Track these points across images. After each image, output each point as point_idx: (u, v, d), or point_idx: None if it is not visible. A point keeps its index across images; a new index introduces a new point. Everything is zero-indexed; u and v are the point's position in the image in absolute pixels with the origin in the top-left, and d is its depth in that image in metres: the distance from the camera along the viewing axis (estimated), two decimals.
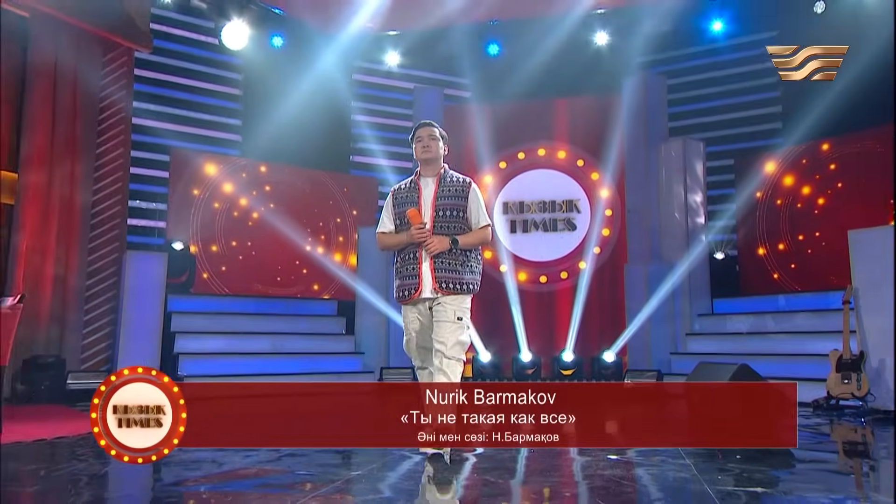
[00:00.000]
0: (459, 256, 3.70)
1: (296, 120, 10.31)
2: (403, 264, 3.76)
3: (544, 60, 10.70)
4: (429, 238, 3.63)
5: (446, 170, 3.85)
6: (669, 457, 4.20)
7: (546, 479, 3.91)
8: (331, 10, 10.35)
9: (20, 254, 7.95)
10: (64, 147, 8.45)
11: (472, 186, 3.81)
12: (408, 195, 3.80)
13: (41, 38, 8.24)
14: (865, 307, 7.12)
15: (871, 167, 9.09)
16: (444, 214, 3.72)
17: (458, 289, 3.65)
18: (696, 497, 3.31)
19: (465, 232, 3.73)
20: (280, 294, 10.27)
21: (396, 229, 3.81)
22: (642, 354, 9.62)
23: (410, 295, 3.69)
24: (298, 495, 3.24)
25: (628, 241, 10.24)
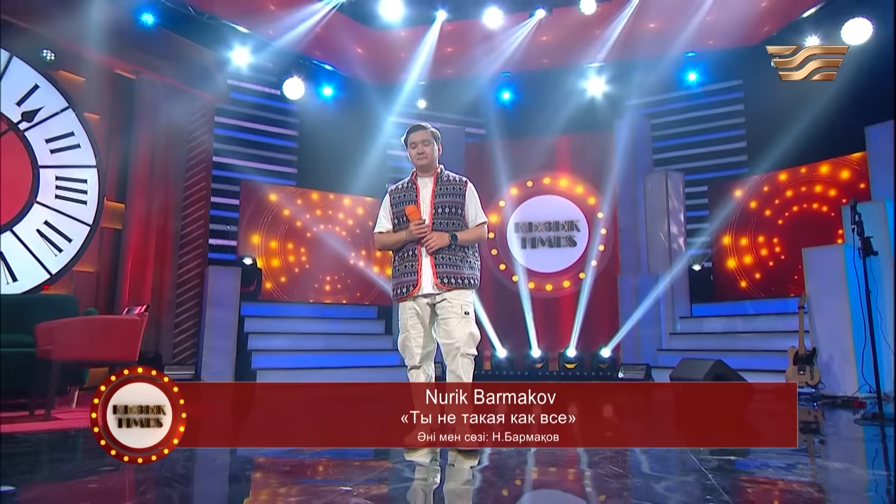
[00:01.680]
0: (458, 252, 3.34)
1: (341, 155, 10.46)
2: (402, 262, 3.37)
3: (549, 104, 10.88)
4: (428, 233, 3.27)
5: (442, 170, 3.49)
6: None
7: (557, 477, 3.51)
8: (371, 66, 10.53)
9: (126, 269, 8.15)
10: (160, 182, 8.67)
11: (469, 185, 3.49)
12: (405, 194, 3.42)
13: (144, 94, 8.48)
14: (816, 311, 7.22)
15: (820, 194, 9.08)
16: (443, 212, 3.36)
17: (459, 283, 3.28)
18: (682, 463, 3.42)
19: (463, 229, 3.38)
20: (330, 300, 10.25)
21: (394, 228, 3.44)
22: (633, 351, 9.60)
23: (409, 291, 3.29)
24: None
25: (620, 255, 10.26)
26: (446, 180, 3.41)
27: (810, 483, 3.06)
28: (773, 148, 9.32)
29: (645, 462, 3.47)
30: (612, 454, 3.65)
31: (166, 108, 8.59)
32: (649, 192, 10.00)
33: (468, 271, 3.31)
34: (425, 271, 3.25)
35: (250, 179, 9.87)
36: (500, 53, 10.36)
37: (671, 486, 2.92)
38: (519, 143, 10.73)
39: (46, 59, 7.35)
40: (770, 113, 9.57)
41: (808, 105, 8.68)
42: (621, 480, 3.07)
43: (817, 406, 6.22)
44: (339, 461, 3.52)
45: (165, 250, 8.67)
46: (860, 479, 3.26)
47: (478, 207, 3.43)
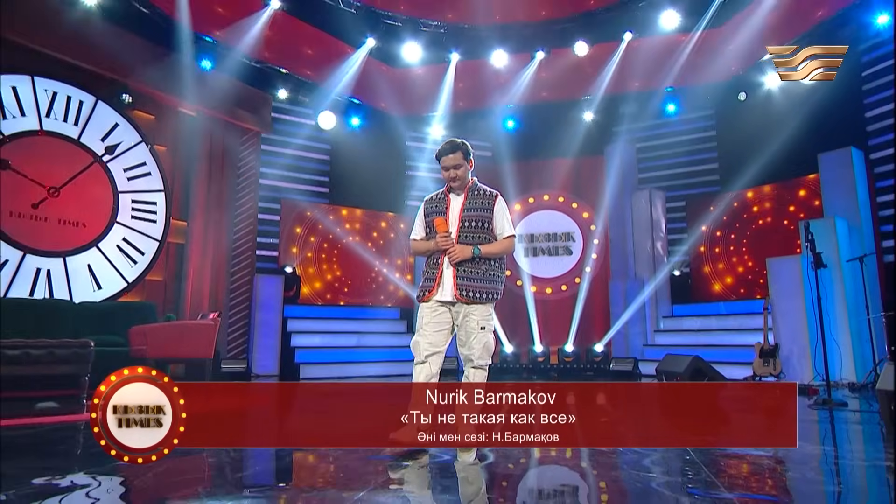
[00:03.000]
0: (481, 265, 3.07)
1: (367, 176, 10.45)
2: (428, 268, 3.19)
3: (548, 132, 10.97)
4: (452, 246, 3.05)
5: (475, 183, 3.22)
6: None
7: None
8: (394, 99, 10.59)
9: (189, 277, 8.33)
10: (215, 202, 8.76)
11: (499, 199, 3.19)
12: (437, 205, 3.21)
13: (202, 127, 8.63)
14: (778, 312, 7.35)
15: (780, 210, 9.08)
16: (470, 225, 3.11)
17: (478, 298, 3.03)
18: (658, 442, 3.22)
19: (490, 242, 3.11)
20: (358, 303, 10.24)
21: (427, 236, 3.22)
22: (623, 346, 9.64)
23: (426, 294, 3.11)
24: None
25: (611, 263, 10.26)
26: (477, 194, 3.15)
27: (771, 457, 3.12)
28: (742, 169, 9.30)
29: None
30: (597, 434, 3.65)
31: (221, 139, 8.83)
32: (635, 208, 10.05)
33: (489, 285, 3.06)
34: (446, 280, 3.06)
35: (289, 198, 9.96)
36: (505, 88, 10.53)
37: (656, 459, 2.94)
38: (522, 165, 10.76)
39: (125, 101, 7.65)
40: (738, 139, 9.64)
41: (771, 132, 8.79)
42: (614, 456, 3.12)
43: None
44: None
45: (220, 261, 8.80)
46: (812, 453, 3.31)
47: (506, 221, 3.16)
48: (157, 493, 2.46)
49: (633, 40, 9.30)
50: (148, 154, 7.99)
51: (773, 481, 2.66)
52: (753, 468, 2.89)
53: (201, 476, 2.70)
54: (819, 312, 5.40)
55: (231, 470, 2.86)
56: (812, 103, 8.34)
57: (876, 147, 7.91)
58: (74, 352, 4.47)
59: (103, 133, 7.52)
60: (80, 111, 7.32)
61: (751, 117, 9.46)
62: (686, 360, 5.18)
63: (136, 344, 5.34)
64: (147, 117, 8.10)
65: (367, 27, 9.40)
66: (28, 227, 6.73)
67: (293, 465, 2.84)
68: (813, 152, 8.14)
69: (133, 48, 7.60)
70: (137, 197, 7.85)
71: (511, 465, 2.87)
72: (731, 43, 8.93)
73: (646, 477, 2.62)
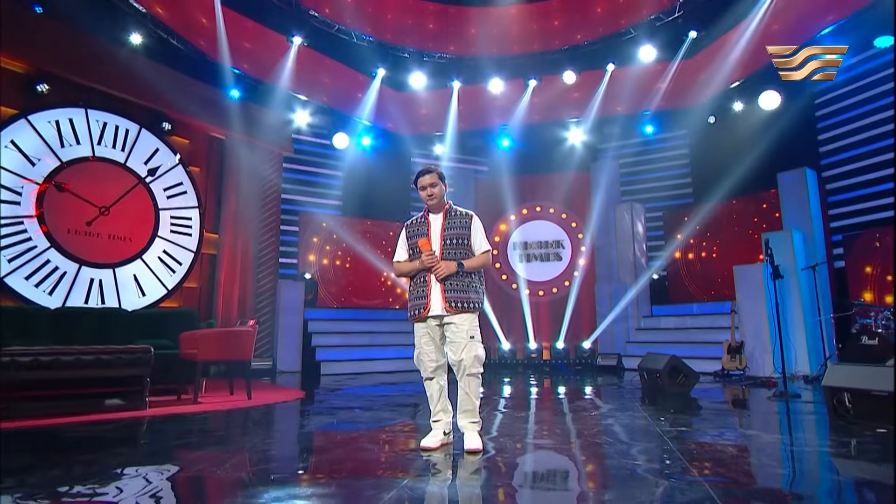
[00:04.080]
0: (465, 279, 3.03)
1: (376, 189, 10.66)
2: (415, 287, 3.11)
3: (539, 150, 11.21)
4: (437, 263, 3.01)
5: (451, 205, 3.20)
6: (632, 410, 4.53)
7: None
8: (400, 121, 10.86)
9: (220, 284, 8.58)
10: (243, 216, 8.98)
11: (474, 218, 3.17)
12: (419, 228, 3.16)
13: (231, 150, 8.89)
14: (743, 313, 7.55)
15: (746, 221, 9.25)
16: (451, 243, 3.08)
17: (465, 307, 2.98)
18: (649, 434, 3.48)
19: (470, 257, 3.08)
20: (369, 305, 10.36)
21: (410, 258, 3.18)
22: (608, 343, 9.75)
23: (420, 313, 3.04)
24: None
25: (597, 268, 10.38)
26: (454, 215, 3.15)
27: (733, 444, 3.22)
28: (712, 184, 9.56)
29: (621, 432, 3.61)
30: (595, 423, 3.82)
31: (247, 160, 9.04)
32: (618, 219, 10.25)
33: (473, 295, 3.04)
34: (435, 296, 3.01)
35: (307, 210, 10.16)
36: (501, 111, 10.79)
37: (640, 449, 3.08)
38: (516, 180, 10.95)
39: (164, 129, 7.88)
40: (709, 157, 9.94)
41: (737, 152, 9.09)
42: (602, 443, 3.22)
43: (744, 385, 6.40)
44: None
45: (247, 269, 9.00)
46: (770, 441, 3.38)
47: (482, 237, 3.14)
48: (227, 481, 2.55)
49: (616, 70, 9.61)
50: (184, 175, 8.21)
51: (736, 466, 2.76)
52: (720, 455, 2.96)
53: (265, 467, 2.87)
54: (777, 315, 5.68)
55: (288, 460, 3.07)
56: (772, 127, 8.68)
57: (827, 167, 8.27)
58: (138, 356, 4.74)
59: (146, 157, 7.75)
60: (127, 138, 7.56)
61: (719, 138, 9.78)
62: (664, 358, 5.41)
63: (186, 348, 5.43)
64: (183, 141, 8.33)
65: (378, 58, 9.69)
66: (83, 242, 6.99)
67: (351, 458, 2.97)
68: (773, 171, 8.44)
69: (171, 81, 7.85)
70: (175, 213, 8.07)
71: (508, 455, 2.95)
72: (702, 73, 9.30)
73: (633, 465, 2.71)
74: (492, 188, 11.16)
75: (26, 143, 6.61)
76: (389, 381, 7.59)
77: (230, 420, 4.47)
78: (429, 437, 2.99)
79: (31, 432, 3.73)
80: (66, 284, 6.79)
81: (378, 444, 3.26)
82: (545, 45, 9.86)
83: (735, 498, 2.17)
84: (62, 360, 4.42)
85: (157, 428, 3.97)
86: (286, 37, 8.77)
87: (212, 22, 8.17)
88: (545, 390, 6.59)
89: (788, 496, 2.31)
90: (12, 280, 6.37)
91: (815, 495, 2.35)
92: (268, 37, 8.80)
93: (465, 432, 2.97)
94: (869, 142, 7.76)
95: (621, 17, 9.20)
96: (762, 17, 7.88)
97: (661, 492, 2.22)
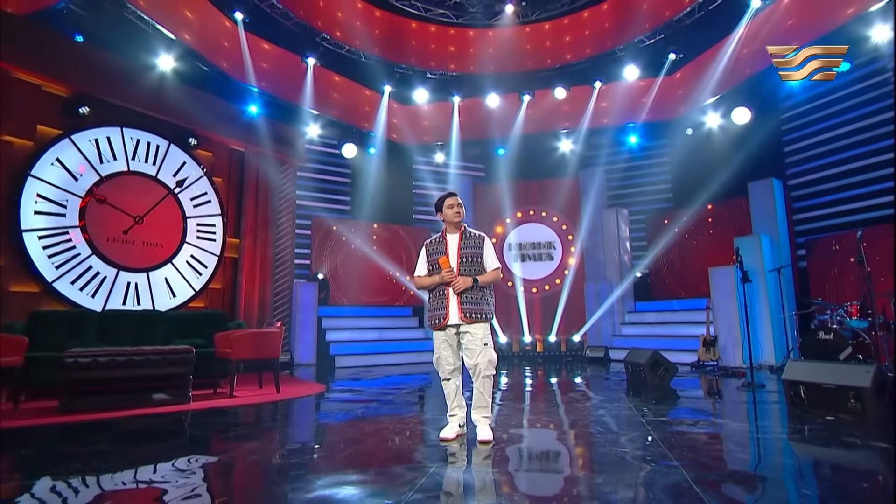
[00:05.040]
0: (478, 292, 3.18)
1: (381, 194, 10.80)
2: (435, 299, 3.26)
3: (533, 158, 11.46)
4: (456, 278, 3.17)
5: (466, 227, 3.36)
6: (619, 402, 4.74)
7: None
8: (403, 131, 11.11)
9: (241, 285, 8.72)
10: (262, 222, 9.11)
11: (486, 239, 3.34)
12: (438, 247, 3.31)
13: (250, 162, 9.02)
14: (717, 310, 7.78)
15: (720, 225, 9.45)
16: (467, 260, 3.23)
17: (479, 317, 3.15)
18: (634, 424, 3.61)
19: (482, 273, 3.23)
20: (376, 303, 10.52)
21: (429, 273, 3.32)
22: (596, 336, 9.96)
23: (440, 322, 3.19)
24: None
25: (585, 268, 10.59)
26: (469, 236, 3.30)
27: (705, 433, 3.36)
28: (690, 191, 9.81)
29: (610, 422, 3.77)
30: (587, 414, 4.00)
31: (265, 171, 9.20)
32: (605, 222, 10.46)
33: (486, 307, 3.19)
34: (452, 307, 3.16)
35: (319, 215, 10.31)
36: (497, 122, 11.06)
37: (627, 438, 3.26)
38: (512, 185, 11.16)
39: (191, 144, 8.05)
40: (687, 166, 10.18)
41: (713, 162, 9.35)
42: (593, 432, 3.38)
43: (717, 376, 6.63)
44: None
45: (266, 271, 9.14)
46: (736, 428, 3.55)
47: (493, 256, 3.29)
48: (281, 468, 2.69)
49: (603, 86, 9.90)
50: (208, 185, 8.37)
51: (707, 452, 2.93)
52: (694, 442, 3.10)
53: (310, 456, 3.09)
54: (745, 313, 6.01)
55: (329, 449, 3.27)
56: (743, 140, 8.94)
57: (792, 176, 8.57)
58: (181, 356, 5.01)
59: (174, 170, 7.92)
60: (157, 153, 7.73)
61: (696, 149, 10.00)
62: (647, 353, 5.66)
63: (221, 347, 5.68)
64: (207, 154, 8.49)
65: (384, 76, 9.95)
66: (120, 249, 7.20)
67: (383, 448, 3.14)
68: (744, 180, 8.70)
69: (197, 100, 8.03)
70: (201, 221, 8.24)
71: (514, 444, 3.14)
72: (681, 90, 9.65)
73: (621, 452, 2.92)
74: (489, 193, 11.38)
75: (70, 160, 6.82)
76: (398, 373, 7.81)
77: (267, 412, 4.65)
78: (446, 429, 3.21)
79: (92, 425, 3.95)
80: (107, 288, 7.03)
81: (402, 434, 3.51)
82: (538, 64, 10.16)
83: (707, 480, 2.37)
84: (117, 360, 4.70)
85: (203, 421, 4.18)
86: (301, 57, 9.00)
87: (233, 45, 8.40)
88: (539, 382, 6.73)
89: (752, 477, 2.54)
90: (60, 285, 6.60)
91: (775, 477, 2.57)
92: (284, 57, 9.04)
93: (478, 425, 3.18)
94: (829, 154, 8.04)
95: (607, 39, 9.50)
96: (735, 42, 8.18)
97: (644, 475, 2.44)
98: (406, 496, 2.23)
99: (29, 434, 3.75)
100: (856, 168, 7.68)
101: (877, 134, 7.45)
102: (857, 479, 2.55)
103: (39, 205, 6.50)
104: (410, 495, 2.24)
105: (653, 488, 2.29)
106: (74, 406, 4.47)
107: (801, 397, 3.96)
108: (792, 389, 4.05)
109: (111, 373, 4.66)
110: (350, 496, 2.26)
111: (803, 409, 3.95)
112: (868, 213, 7.48)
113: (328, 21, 9.34)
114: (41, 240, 6.49)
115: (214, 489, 2.50)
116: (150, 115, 7.60)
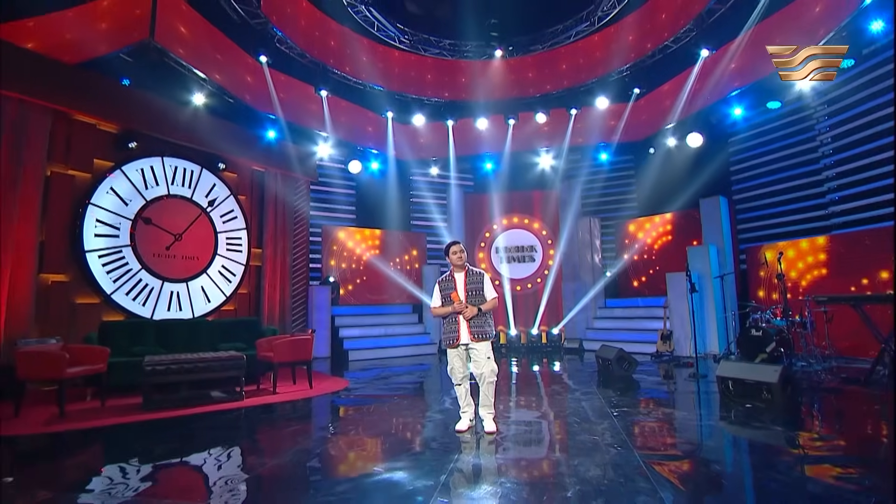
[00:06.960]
0: (482, 318, 3.70)
1: (383, 205, 11.20)
2: (448, 325, 3.77)
3: (517, 173, 11.84)
4: (465, 308, 3.67)
5: (469, 266, 3.85)
6: (591, 393, 5.03)
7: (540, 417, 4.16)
8: (403, 148, 11.43)
9: (264, 290, 9.07)
10: (280, 234, 9.44)
11: (485, 275, 3.81)
12: (449, 284, 3.82)
13: (268, 180, 9.36)
14: (673, 308, 8.35)
15: (677, 232, 9.93)
16: (472, 293, 3.75)
17: (484, 337, 3.67)
18: (597, 411, 4.03)
19: (484, 302, 3.74)
20: (380, 301, 10.76)
21: (442, 304, 3.81)
22: (572, 330, 10.37)
23: (454, 342, 3.72)
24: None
25: (563, 269, 10.91)
26: (472, 273, 3.82)
27: (655, 420, 3.83)
28: (653, 201, 10.33)
29: (586, 409, 4.24)
30: (565, 405, 4.43)
31: (282, 189, 9.55)
32: (580, 229, 10.87)
33: (488, 329, 3.73)
34: (463, 330, 3.69)
35: (328, 224, 10.62)
36: (486, 141, 11.51)
37: (598, 426, 3.68)
38: (498, 196, 11.50)
39: (220, 167, 8.43)
40: (650, 180, 10.67)
41: (671, 177, 9.92)
42: (568, 420, 3.89)
43: (672, 365, 7.12)
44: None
45: (285, 277, 9.49)
46: (683, 416, 4.01)
47: (491, 288, 3.80)
48: (337, 456, 3.12)
49: (578, 113, 10.47)
50: (235, 203, 8.75)
51: (657, 437, 3.43)
52: (649, 429, 3.54)
53: (358, 446, 3.55)
54: (693, 317, 6.66)
55: (370, 439, 3.70)
56: (697, 161, 9.56)
57: (737, 192, 9.22)
58: (235, 361, 5.58)
59: (206, 191, 8.30)
60: (192, 178, 8.13)
61: (657, 166, 10.56)
62: (614, 350, 6.21)
63: (262, 351, 6.18)
64: (232, 176, 8.88)
65: (387, 102, 10.44)
66: (164, 263, 7.66)
67: (414, 439, 3.61)
68: (697, 195, 9.31)
69: (224, 129, 8.41)
70: (230, 235, 8.62)
71: (511, 433, 3.63)
72: (643, 115, 10.28)
73: (593, 439, 3.40)
74: (479, 202, 11.73)
75: (121, 188, 7.28)
76: (403, 364, 8.23)
77: (308, 406, 5.06)
78: (460, 422, 3.81)
79: (170, 421, 4.38)
80: (154, 297, 7.52)
81: (426, 426, 4.05)
82: (521, 93, 10.73)
83: (657, 461, 2.88)
84: (185, 366, 5.33)
85: (256, 416, 4.62)
86: (314, 88, 9.47)
87: (255, 79, 8.82)
88: (524, 372, 7.08)
89: (694, 453, 3.13)
90: (117, 296, 7.09)
91: (710, 452, 3.17)
92: (299, 88, 9.48)
93: (484, 420, 3.77)
94: (766, 174, 8.68)
95: (582, 73, 10.16)
96: (691, 79, 8.91)
97: (610, 457, 2.98)
98: (440, 478, 2.72)
99: (127, 430, 4.23)
100: (787, 187, 8.36)
101: (804, 160, 8.21)
102: (763, 450, 3.24)
103: (98, 228, 6.98)
104: (444, 478, 2.74)
105: (617, 468, 2.81)
106: (152, 405, 5.07)
107: (730, 390, 4.69)
108: (723, 384, 4.84)
109: (181, 377, 5.26)
110: (399, 479, 2.74)
111: (731, 398, 4.62)
112: (796, 225, 8.14)
113: (339, 59, 9.81)
114: (100, 258, 6.98)
115: (299, 469, 3.02)
116: (185, 145, 7.98)
